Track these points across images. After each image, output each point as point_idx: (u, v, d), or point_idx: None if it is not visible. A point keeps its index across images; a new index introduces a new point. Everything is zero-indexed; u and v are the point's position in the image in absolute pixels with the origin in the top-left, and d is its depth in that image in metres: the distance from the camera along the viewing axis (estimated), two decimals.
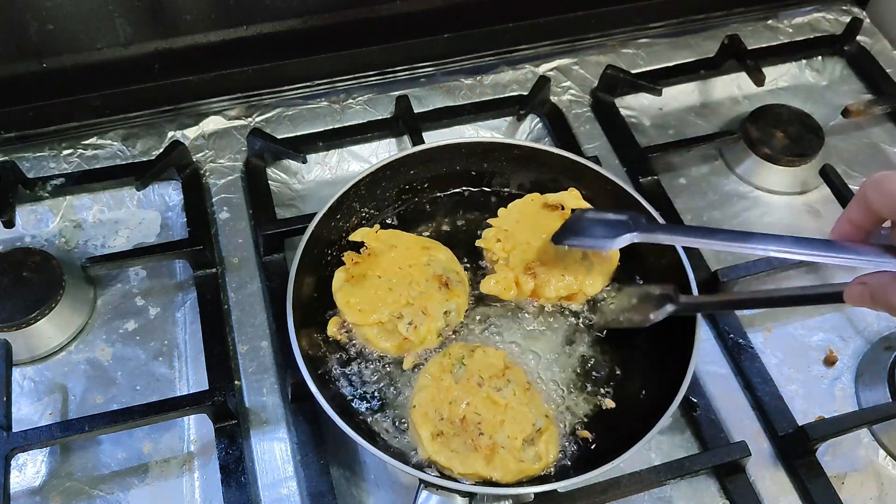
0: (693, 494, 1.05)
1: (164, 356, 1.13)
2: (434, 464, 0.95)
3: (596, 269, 1.10)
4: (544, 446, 0.96)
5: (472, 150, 1.20)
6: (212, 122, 1.37)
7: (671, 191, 1.33)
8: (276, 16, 1.32)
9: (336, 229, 1.14)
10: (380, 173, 1.15)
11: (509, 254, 1.11)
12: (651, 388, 1.04)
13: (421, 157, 1.18)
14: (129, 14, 1.23)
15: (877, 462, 1.08)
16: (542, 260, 1.10)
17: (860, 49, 1.56)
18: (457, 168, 1.21)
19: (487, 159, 1.21)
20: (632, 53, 1.52)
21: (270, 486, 1.02)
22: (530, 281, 1.09)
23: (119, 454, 1.04)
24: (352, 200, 1.14)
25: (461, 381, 0.99)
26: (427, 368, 1.02)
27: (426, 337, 1.04)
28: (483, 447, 0.94)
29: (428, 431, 0.95)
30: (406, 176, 1.19)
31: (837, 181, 1.29)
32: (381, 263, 1.09)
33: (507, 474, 0.93)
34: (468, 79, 1.46)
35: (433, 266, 1.09)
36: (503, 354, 1.03)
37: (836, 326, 1.21)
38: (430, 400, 0.98)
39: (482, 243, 1.15)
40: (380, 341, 1.05)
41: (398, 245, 1.11)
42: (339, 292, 1.07)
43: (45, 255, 1.16)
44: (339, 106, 1.41)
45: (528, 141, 1.20)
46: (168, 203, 1.29)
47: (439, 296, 1.06)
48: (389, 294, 1.05)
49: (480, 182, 1.24)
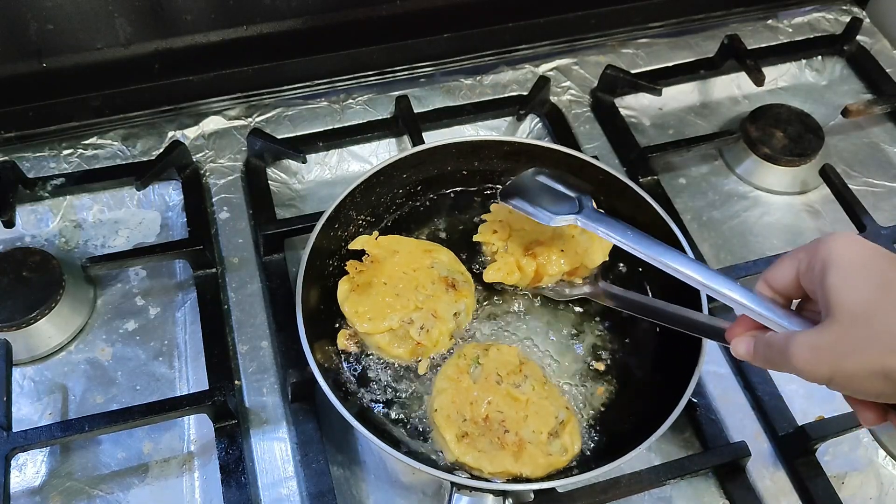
0: (693, 494, 1.05)
1: (164, 356, 1.13)
2: (462, 465, 0.95)
3: (595, 243, 1.11)
4: (569, 437, 0.96)
5: (462, 150, 1.20)
6: (212, 122, 1.37)
7: (671, 191, 1.33)
8: (276, 16, 1.32)
9: (335, 239, 1.13)
10: (374, 179, 1.14)
11: (506, 242, 1.11)
12: (657, 386, 1.05)
13: (413, 161, 1.18)
14: (129, 14, 1.23)
15: (877, 462, 1.08)
16: (540, 240, 1.10)
17: (860, 49, 1.56)
18: (448, 168, 1.21)
19: (479, 158, 1.21)
20: (632, 53, 1.52)
21: (270, 485, 1.02)
22: (532, 262, 1.09)
23: (119, 454, 1.04)
24: (348, 209, 1.14)
25: (479, 380, 0.99)
26: (444, 371, 1.02)
27: (439, 340, 1.04)
28: (510, 444, 0.94)
29: (453, 434, 0.95)
30: (400, 180, 1.19)
31: (837, 181, 1.29)
32: (385, 270, 1.08)
33: (536, 469, 0.93)
34: (468, 79, 1.46)
35: (437, 268, 1.09)
36: (517, 350, 1.04)
37: None
38: (450, 402, 0.98)
39: (479, 237, 1.15)
40: (392, 348, 1.04)
41: (400, 250, 1.11)
42: (346, 302, 1.06)
43: (45, 254, 1.16)
44: (339, 106, 1.41)
45: (518, 137, 1.21)
46: (168, 203, 1.29)
47: (447, 297, 1.06)
48: (397, 300, 1.05)
49: (473, 181, 1.24)
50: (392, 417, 1.01)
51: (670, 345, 1.06)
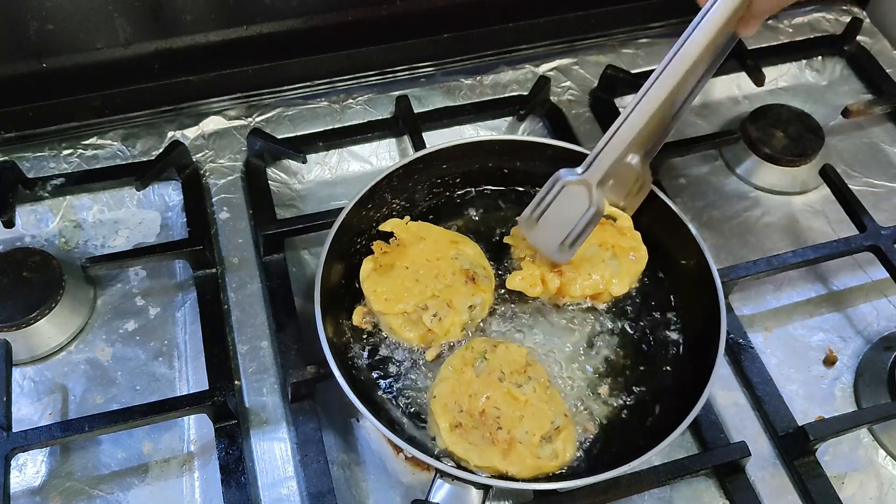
0: (693, 494, 1.05)
1: (164, 356, 1.13)
2: (451, 455, 0.96)
3: (623, 270, 1.11)
4: (562, 444, 0.96)
5: (505, 148, 1.20)
6: (212, 122, 1.37)
7: (671, 191, 1.33)
8: (276, 16, 1.32)
9: (366, 219, 1.15)
10: (412, 166, 1.16)
11: (536, 252, 1.11)
12: (666, 396, 1.05)
13: (454, 153, 1.19)
14: (129, 14, 1.23)
15: (877, 462, 1.08)
16: (571, 259, 1.10)
17: (860, 49, 1.56)
18: (489, 165, 1.22)
19: (521, 158, 1.21)
20: (632, 53, 1.52)
21: (270, 485, 1.02)
22: (556, 279, 1.09)
23: (119, 454, 1.04)
24: (384, 191, 1.15)
25: (482, 374, 1.00)
26: (449, 361, 1.03)
27: (450, 329, 1.05)
28: (501, 441, 0.95)
29: (447, 422, 0.96)
30: (438, 170, 1.20)
31: (837, 181, 1.29)
32: (409, 254, 1.10)
33: (523, 470, 0.94)
34: (468, 79, 1.46)
35: (460, 260, 1.10)
36: (525, 352, 1.04)
37: (835, 326, 1.21)
38: (450, 391, 0.99)
39: (510, 240, 1.16)
40: (404, 331, 1.06)
41: (427, 237, 1.12)
42: (366, 280, 1.08)
43: (45, 255, 1.16)
44: (339, 106, 1.41)
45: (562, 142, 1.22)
46: (168, 203, 1.29)
47: (465, 290, 1.07)
48: (416, 285, 1.06)
49: (513, 181, 1.24)
50: (392, 398, 1.03)
51: (682, 364, 1.08)
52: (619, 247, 1.11)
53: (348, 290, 1.10)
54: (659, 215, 1.15)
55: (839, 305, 1.23)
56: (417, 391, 1.04)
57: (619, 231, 1.14)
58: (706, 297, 1.06)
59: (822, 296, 1.24)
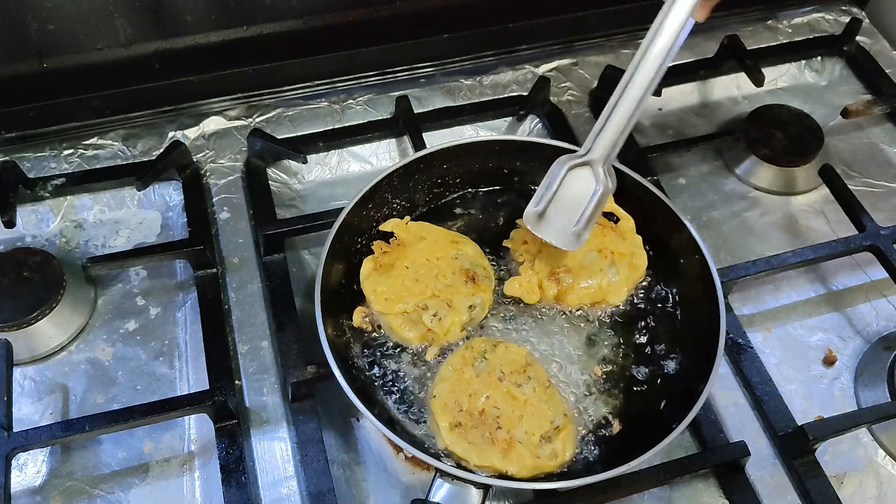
0: (693, 494, 1.05)
1: (164, 356, 1.13)
2: (451, 454, 0.96)
3: (621, 279, 1.11)
4: (561, 444, 0.97)
5: (504, 148, 1.21)
6: (212, 122, 1.37)
7: (671, 191, 1.33)
8: (276, 16, 1.32)
9: (367, 218, 1.15)
10: (413, 166, 1.16)
11: (535, 257, 1.11)
12: (666, 396, 1.06)
13: (454, 153, 1.19)
14: (129, 14, 1.23)
15: (876, 462, 1.08)
16: (569, 266, 1.10)
17: (859, 49, 1.56)
18: (489, 165, 1.22)
19: (522, 158, 1.22)
20: (631, 53, 1.50)
21: (271, 485, 1.02)
22: (554, 286, 1.10)
23: (119, 454, 1.05)
24: (384, 191, 1.16)
25: (482, 374, 1.00)
26: (449, 360, 1.03)
27: (450, 329, 1.06)
28: (500, 441, 0.95)
29: (446, 421, 0.96)
30: (439, 170, 1.20)
31: (837, 181, 1.29)
32: (409, 254, 1.10)
33: (522, 469, 0.94)
34: (468, 79, 1.46)
35: (461, 260, 1.10)
36: (525, 351, 1.04)
37: (835, 326, 1.21)
38: (450, 391, 0.99)
39: (509, 243, 1.16)
40: (404, 331, 1.06)
41: (427, 237, 1.12)
42: (366, 280, 1.08)
43: (45, 255, 1.17)
44: (339, 106, 1.41)
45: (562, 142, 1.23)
46: (168, 203, 1.30)
47: (465, 290, 1.07)
48: (416, 285, 1.07)
49: (512, 181, 1.25)
50: (392, 398, 1.03)
51: (680, 364, 1.08)
52: (618, 253, 1.12)
53: (348, 290, 1.11)
54: (658, 215, 1.15)
55: (838, 305, 1.23)
56: (417, 391, 1.04)
57: (619, 235, 1.14)
58: (706, 296, 1.07)
59: (821, 296, 1.24)
